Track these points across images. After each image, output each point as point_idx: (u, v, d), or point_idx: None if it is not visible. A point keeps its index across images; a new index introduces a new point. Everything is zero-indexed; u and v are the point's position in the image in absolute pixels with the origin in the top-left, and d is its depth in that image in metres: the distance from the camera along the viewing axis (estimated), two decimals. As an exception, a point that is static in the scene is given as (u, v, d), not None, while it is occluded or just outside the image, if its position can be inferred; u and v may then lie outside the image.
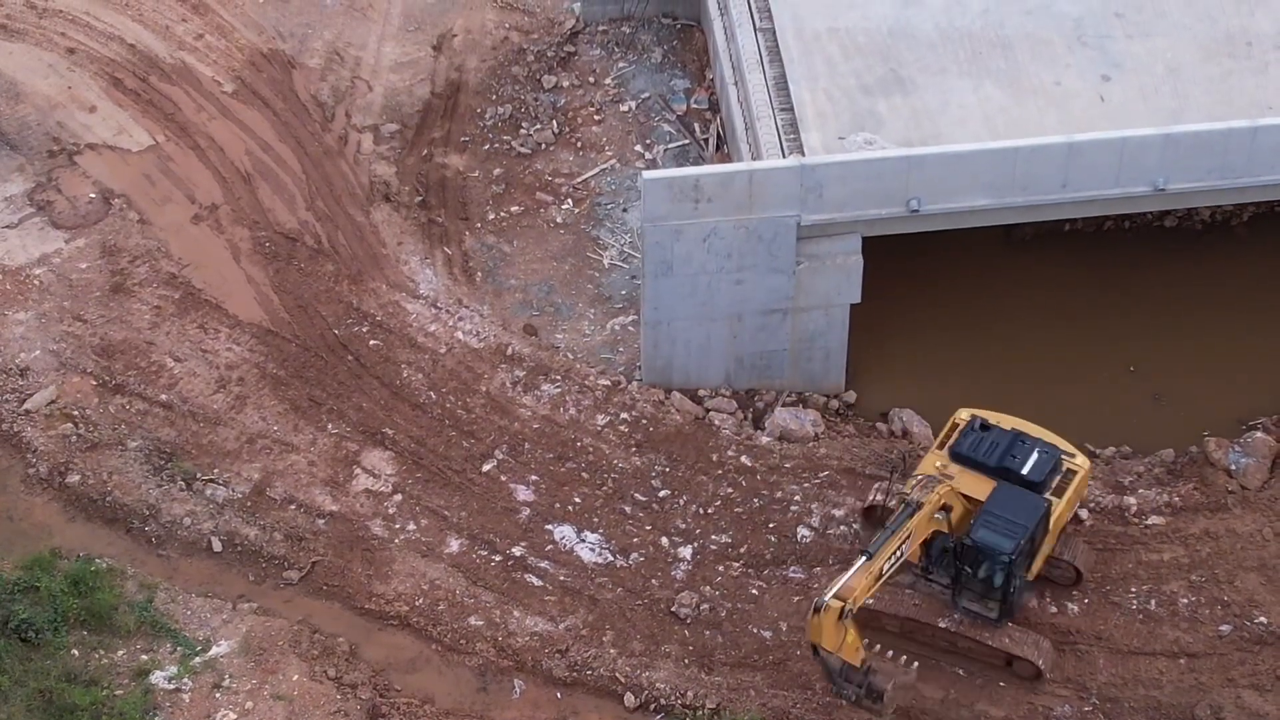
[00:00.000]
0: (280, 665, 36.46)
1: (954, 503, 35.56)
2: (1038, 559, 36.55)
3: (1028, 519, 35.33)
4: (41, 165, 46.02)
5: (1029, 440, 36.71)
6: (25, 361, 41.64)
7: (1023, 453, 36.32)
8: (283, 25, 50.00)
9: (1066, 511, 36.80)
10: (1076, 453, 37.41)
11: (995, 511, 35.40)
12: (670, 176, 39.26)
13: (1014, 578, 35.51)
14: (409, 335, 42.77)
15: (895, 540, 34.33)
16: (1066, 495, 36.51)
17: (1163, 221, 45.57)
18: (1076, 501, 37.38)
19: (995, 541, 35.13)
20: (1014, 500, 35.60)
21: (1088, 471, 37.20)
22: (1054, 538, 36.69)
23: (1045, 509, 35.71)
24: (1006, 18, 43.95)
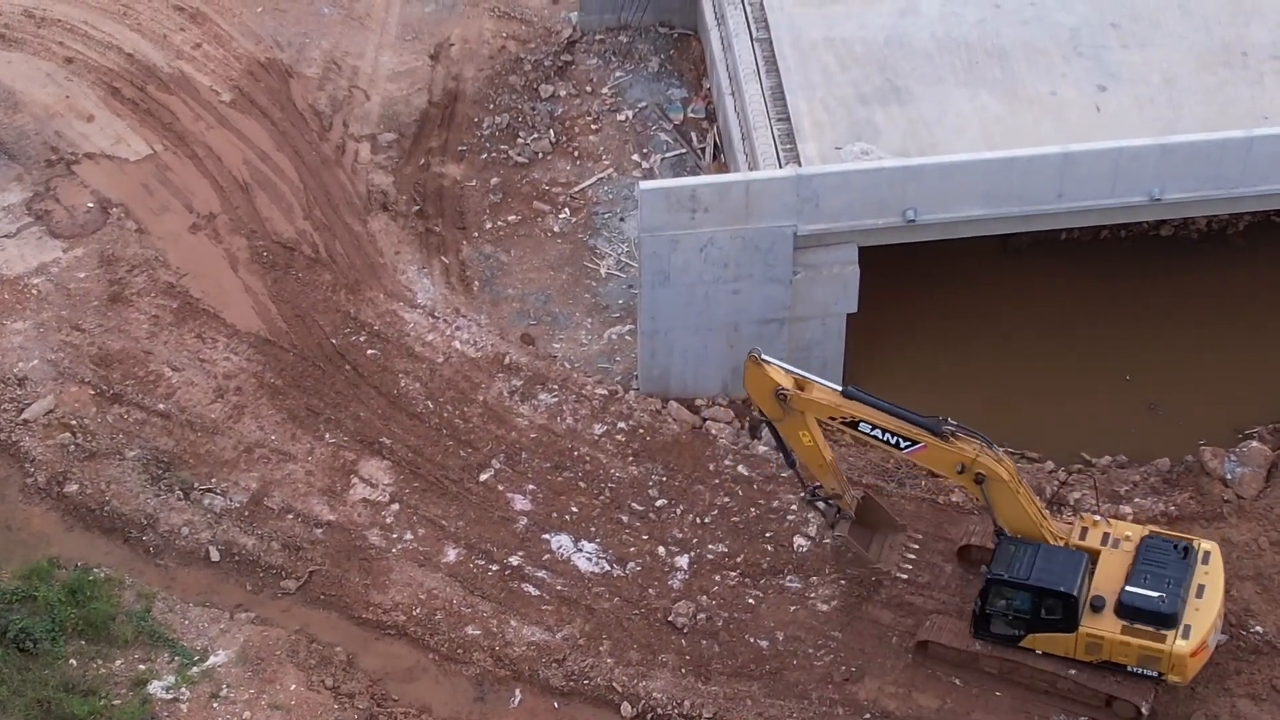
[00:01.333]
0: (278, 675, 36.49)
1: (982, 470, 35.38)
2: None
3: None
4: (39, 174, 46.08)
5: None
6: (23, 371, 41.68)
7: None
8: (280, 34, 50.07)
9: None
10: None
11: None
12: (667, 187, 39.34)
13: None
14: (406, 344, 42.82)
15: (885, 418, 35.00)
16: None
17: (1159, 231, 45.65)
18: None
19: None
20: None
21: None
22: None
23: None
24: (1003, 28, 44.05)
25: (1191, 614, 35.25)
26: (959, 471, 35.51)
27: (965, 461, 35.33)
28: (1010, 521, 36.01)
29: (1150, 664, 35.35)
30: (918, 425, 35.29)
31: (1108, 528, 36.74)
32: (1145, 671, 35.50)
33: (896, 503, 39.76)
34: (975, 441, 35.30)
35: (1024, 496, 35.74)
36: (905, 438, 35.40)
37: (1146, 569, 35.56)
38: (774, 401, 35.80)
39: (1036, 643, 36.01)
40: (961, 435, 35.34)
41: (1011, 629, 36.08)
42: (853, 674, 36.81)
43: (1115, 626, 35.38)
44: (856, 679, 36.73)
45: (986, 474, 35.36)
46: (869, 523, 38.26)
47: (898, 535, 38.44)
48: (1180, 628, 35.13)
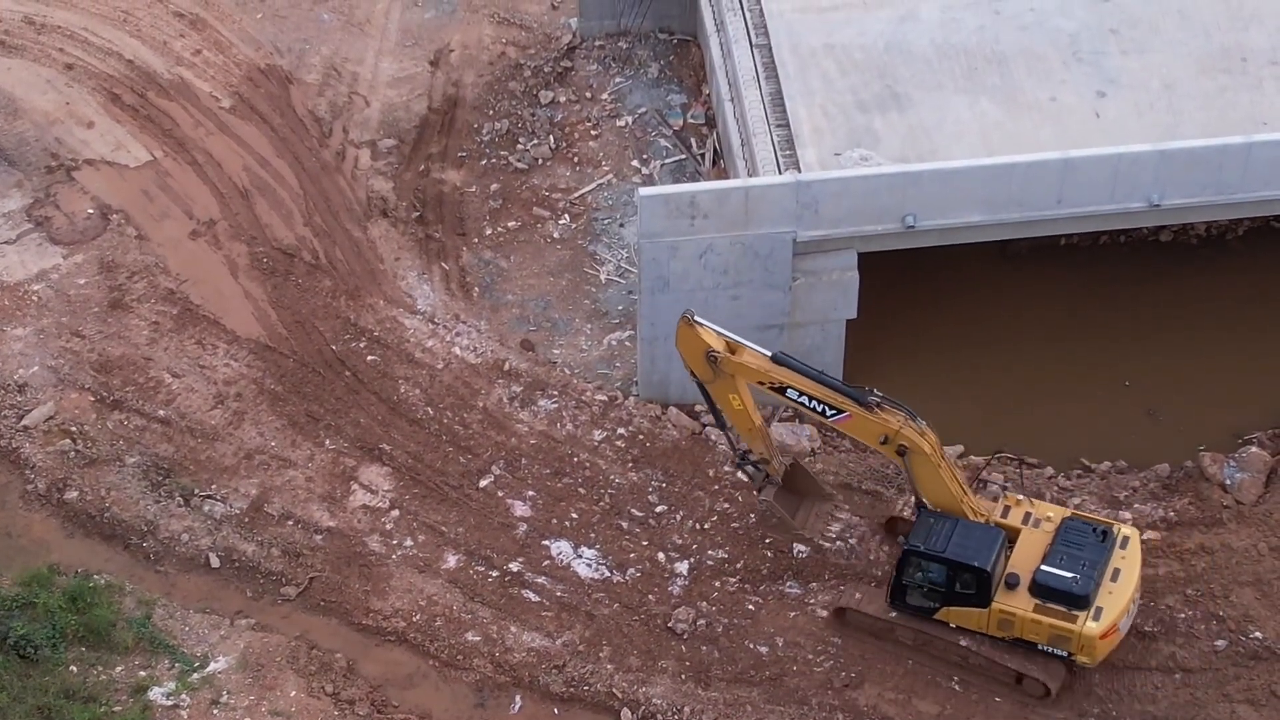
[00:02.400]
0: (278, 681, 36.49)
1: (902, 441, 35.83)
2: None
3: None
4: (40, 181, 46.12)
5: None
6: (23, 377, 41.71)
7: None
8: (280, 41, 50.12)
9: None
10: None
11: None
12: (667, 193, 39.38)
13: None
14: (406, 351, 42.85)
15: (811, 385, 35.46)
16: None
17: (1158, 236, 45.68)
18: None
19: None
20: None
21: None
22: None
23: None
24: (1002, 34, 44.09)
25: (1105, 597, 35.73)
26: (882, 442, 35.96)
27: (889, 433, 35.74)
28: (931, 494, 36.48)
29: (1060, 644, 35.78)
30: (843, 394, 35.77)
31: (1030, 508, 37.25)
32: (1055, 651, 35.93)
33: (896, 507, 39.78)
34: (900, 414, 35.74)
35: (945, 471, 36.14)
36: (831, 406, 35.88)
37: (1064, 550, 36.09)
38: (705, 363, 36.36)
39: (950, 616, 36.46)
40: (887, 406, 35.76)
41: (927, 601, 36.53)
42: (853, 680, 36.82)
43: (1028, 604, 35.85)
44: (856, 685, 36.74)
45: (909, 446, 35.79)
46: (798, 490, 38.81)
47: (825, 504, 39.08)
48: (1092, 609, 35.60)
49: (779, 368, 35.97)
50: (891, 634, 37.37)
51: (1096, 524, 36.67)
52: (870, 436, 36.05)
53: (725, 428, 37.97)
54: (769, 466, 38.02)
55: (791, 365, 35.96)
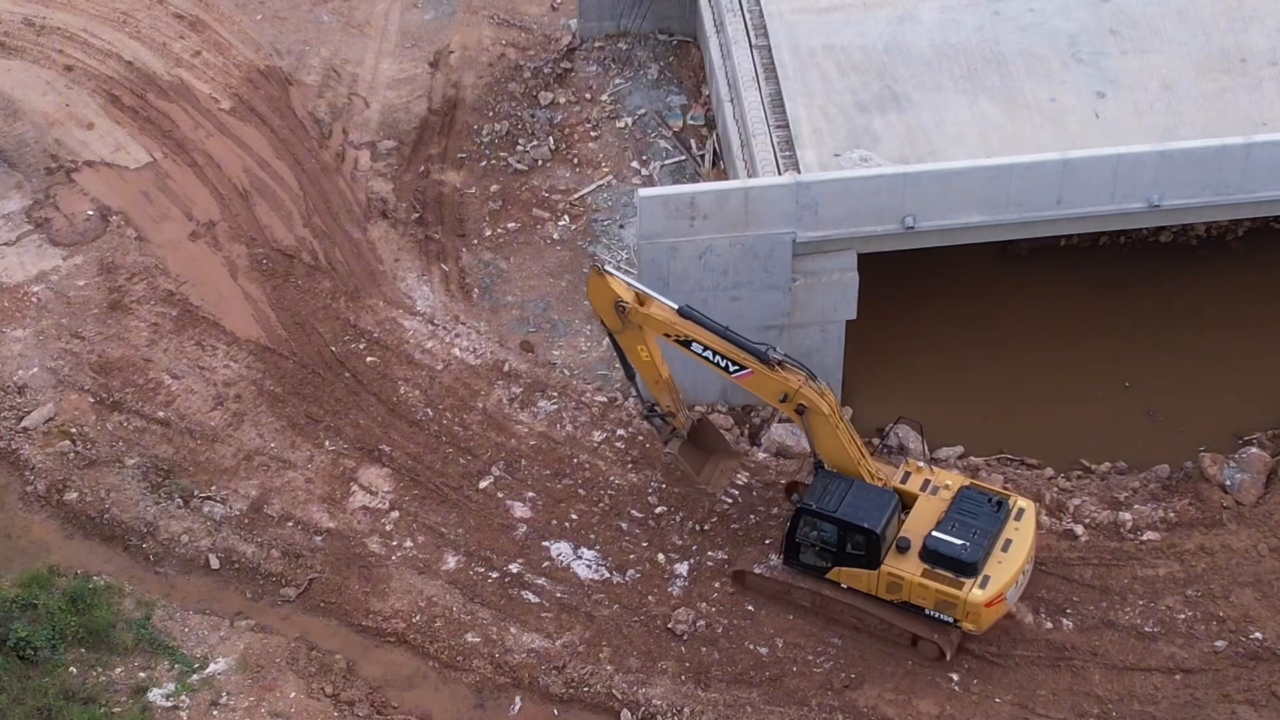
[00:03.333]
0: (278, 682, 36.49)
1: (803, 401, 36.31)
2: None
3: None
4: (39, 182, 46.13)
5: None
6: (23, 379, 41.71)
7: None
8: (280, 42, 50.13)
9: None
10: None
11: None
12: (666, 194, 39.36)
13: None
14: (406, 352, 42.85)
15: (716, 339, 35.92)
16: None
17: (1158, 237, 45.71)
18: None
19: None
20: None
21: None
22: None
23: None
24: (1001, 34, 44.09)
25: (993, 566, 36.19)
26: (782, 400, 36.38)
27: (788, 391, 36.21)
28: (829, 455, 36.98)
29: (946, 609, 36.24)
30: (746, 350, 36.19)
31: (930, 475, 37.72)
32: (941, 616, 36.36)
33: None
34: (800, 373, 36.18)
35: (843, 433, 36.60)
36: (734, 362, 36.32)
37: (957, 517, 36.59)
38: (614, 313, 36.85)
39: (841, 576, 36.95)
40: (788, 365, 36.18)
41: (819, 560, 37.03)
42: (852, 681, 36.82)
43: (917, 569, 36.35)
44: (856, 686, 36.74)
45: (808, 405, 36.24)
46: (706, 447, 39.33)
47: (731, 462, 39.58)
48: (979, 578, 35.98)
49: (685, 321, 36.52)
50: (789, 596, 37.90)
51: (993, 494, 37.17)
52: (771, 394, 36.51)
53: (634, 379, 38.60)
54: (675, 420, 38.60)
55: (697, 319, 36.49)
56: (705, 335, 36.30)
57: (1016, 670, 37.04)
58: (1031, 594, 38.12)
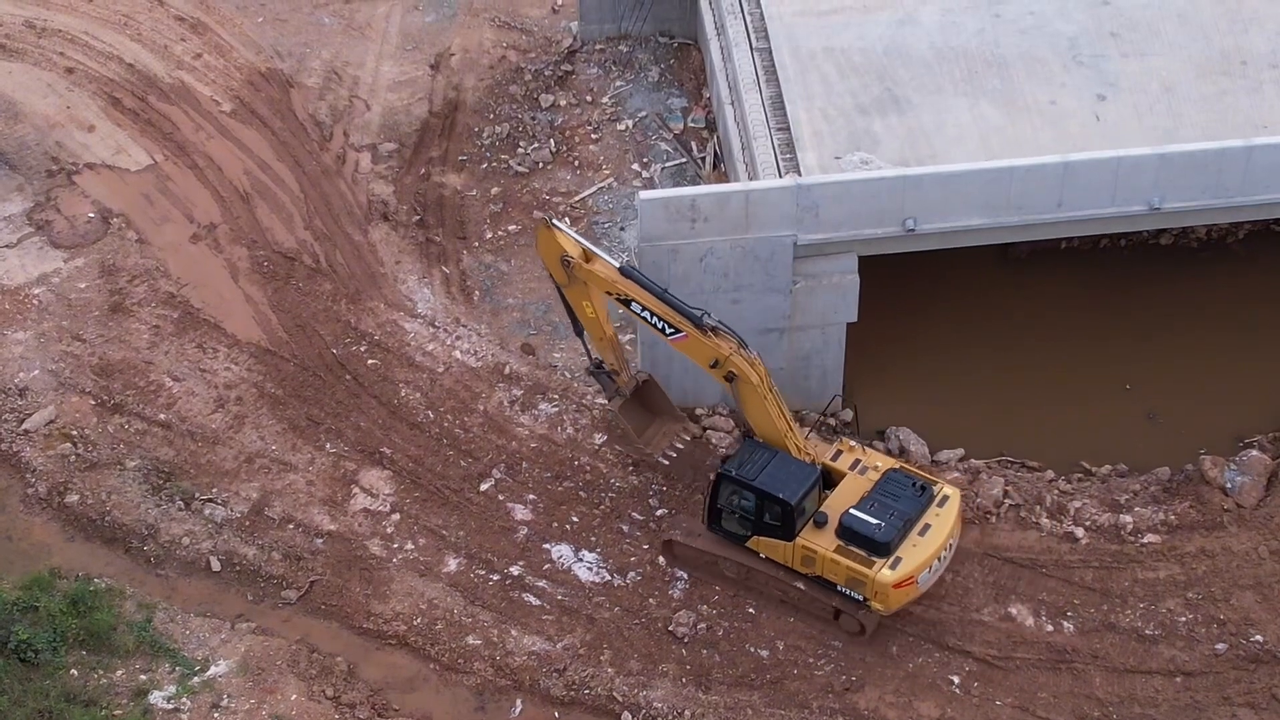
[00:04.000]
0: (278, 685, 36.50)
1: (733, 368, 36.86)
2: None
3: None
4: (40, 185, 46.15)
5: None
6: (24, 381, 41.73)
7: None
8: (281, 45, 50.16)
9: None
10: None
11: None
12: (667, 196, 39.36)
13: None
14: (407, 354, 42.86)
15: (654, 300, 36.56)
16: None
17: (1158, 239, 45.72)
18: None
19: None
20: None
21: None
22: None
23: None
24: (1002, 37, 44.10)
25: (908, 549, 36.52)
26: (713, 365, 36.95)
27: (719, 357, 36.79)
28: (757, 424, 37.53)
29: (856, 586, 36.59)
30: (682, 314, 36.74)
31: (862, 455, 38.15)
32: (852, 594, 36.70)
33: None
34: (732, 341, 36.69)
35: (771, 403, 37.08)
36: (671, 324, 36.90)
37: (878, 498, 36.98)
38: (561, 267, 37.52)
39: (760, 546, 37.44)
40: (721, 332, 36.69)
41: (739, 528, 37.51)
42: (853, 683, 36.83)
43: (831, 544, 36.68)
44: (857, 688, 36.76)
45: (738, 373, 36.73)
46: (653, 408, 39.93)
47: (674, 425, 40.09)
48: (891, 558, 36.29)
49: (626, 280, 37.12)
50: (715, 567, 38.29)
51: (918, 479, 37.49)
52: (703, 358, 37.09)
53: (582, 335, 39.20)
54: (619, 378, 39.18)
55: (637, 279, 37.08)
56: (644, 296, 37.02)
57: (1017, 673, 37.05)
58: (1032, 596, 38.17)
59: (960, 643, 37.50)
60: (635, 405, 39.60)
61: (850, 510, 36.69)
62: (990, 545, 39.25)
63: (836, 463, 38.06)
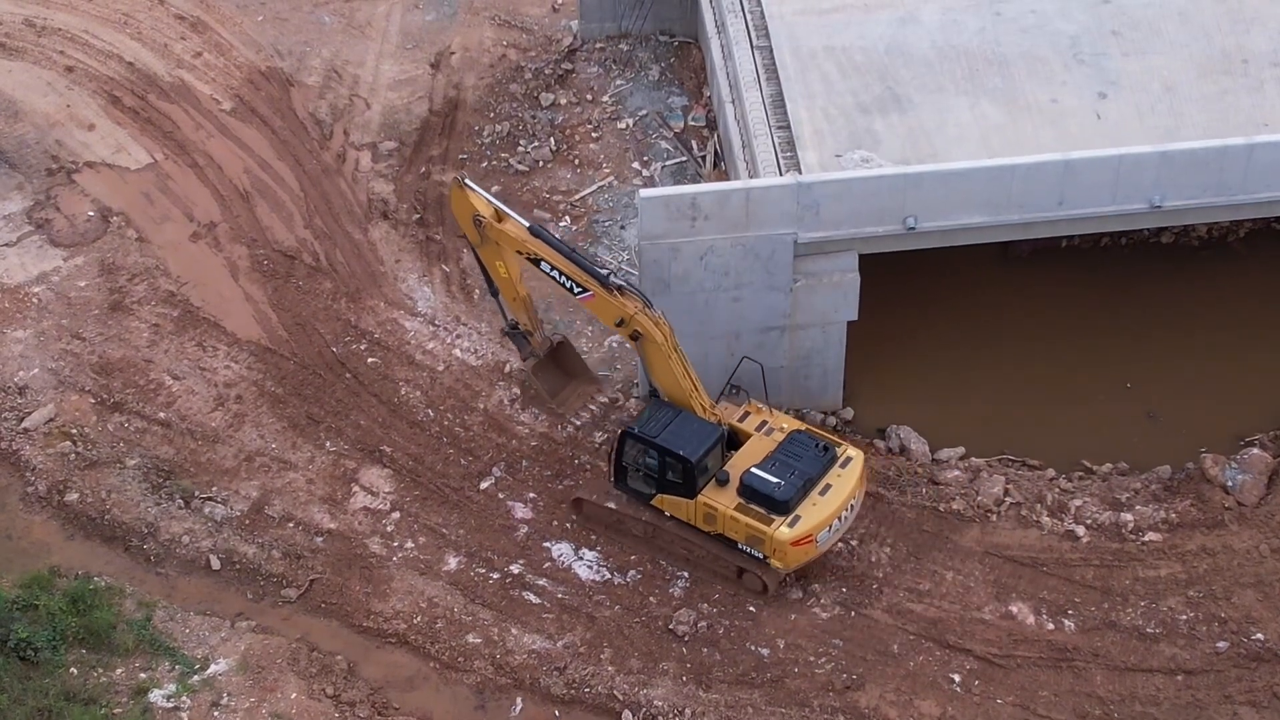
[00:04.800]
0: (278, 683, 36.46)
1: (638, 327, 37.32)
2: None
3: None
4: (40, 183, 46.13)
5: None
6: (24, 380, 41.70)
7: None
8: (281, 43, 50.14)
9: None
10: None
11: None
12: (667, 195, 39.33)
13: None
14: (407, 353, 42.84)
15: (561, 260, 37.13)
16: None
17: (1159, 238, 45.70)
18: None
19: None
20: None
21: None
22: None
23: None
24: (1003, 36, 44.07)
25: (807, 508, 37.00)
26: (618, 324, 37.43)
27: (625, 315, 37.22)
28: (663, 383, 38.04)
29: (755, 544, 37.12)
30: (588, 273, 37.19)
31: (769, 417, 38.69)
32: (752, 551, 37.19)
33: (897, 510, 39.80)
34: (637, 300, 37.12)
35: (675, 362, 37.53)
36: (578, 283, 37.35)
37: (780, 457, 37.48)
38: (473, 226, 38.21)
39: (664, 504, 38.03)
40: (627, 292, 37.18)
41: (644, 486, 38.10)
42: (853, 682, 36.80)
43: (732, 502, 37.18)
44: (858, 687, 36.72)
45: (642, 332, 37.16)
46: (569, 370, 40.71)
47: (588, 387, 40.99)
48: (790, 517, 36.70)
49: (535, 239, 37.54)
50: (623, 526, 38.77)
51: (822, 440, 37.89)
52: (609, 317, 37.56)
53: (496, 295, 39.66)
54: (533, 339, 39.78)
55: (546, 239, 37.56)
56: (552, 255, 37.49)
57: (1018, 671, 37.01)
58: (1033, 595, 38.14)
59: (961, 641, 37.47)
60: (552, 368, 40.40)
61: (751, 469, 37.24)
62: (991, 544, 39.23)
63: (743, 424, 38.58)
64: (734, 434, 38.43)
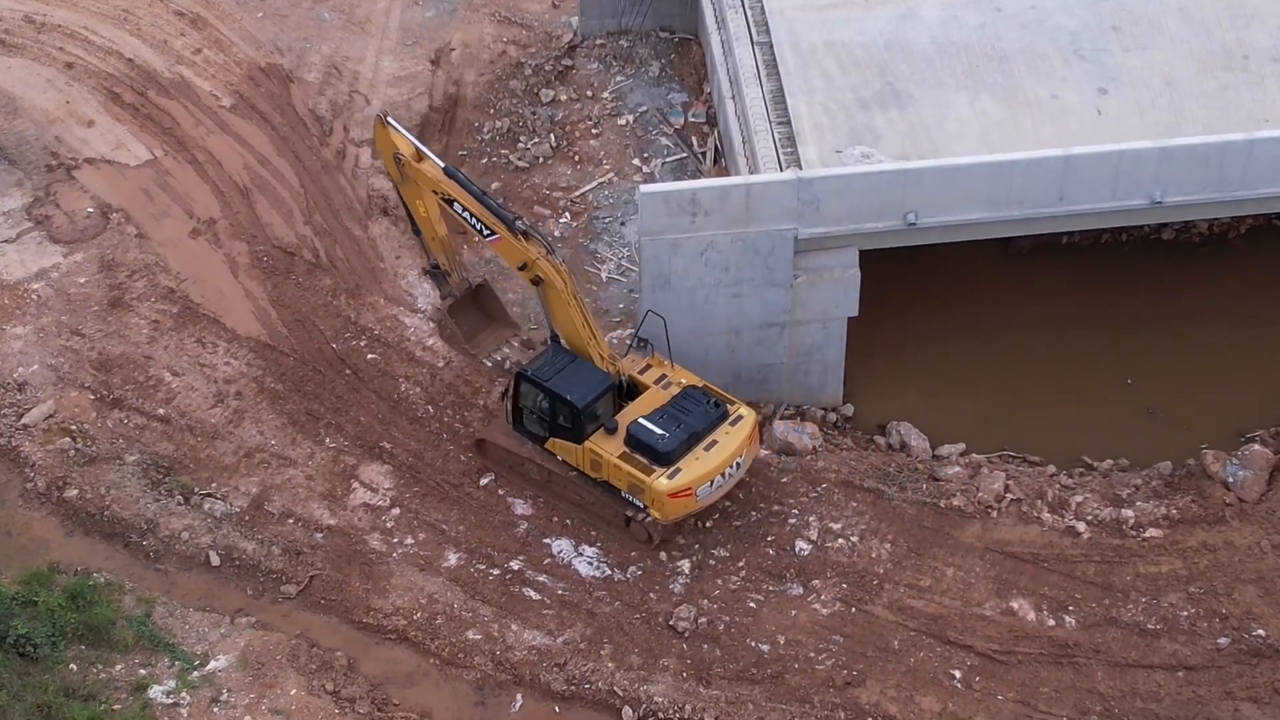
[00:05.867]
0: (278, 679, 36.43)
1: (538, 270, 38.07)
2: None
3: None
4: (40, 180, 46.06)
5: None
6: (23, 376, 41.64)
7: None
8: (281, 40, 50.08)
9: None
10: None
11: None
12: (667, 190, 39.32)
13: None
14: (407, 349, 42.79)
15: (472, 201, 37.79)
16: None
17: (1160, 234, 45.67)
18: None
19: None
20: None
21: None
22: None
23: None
24: (1003, 31, 44.05)
25: (690, 461, 37.66)
26: (522, 268, 38.20)
27: (528, 260, 37.88)
28: (562, 329, 38.93)
29: (637, 493, 37.97)
30: (497, 216, 37.79)
31: (669, 372, 39.41)
32: (634, 500, 37.83)
33: (898, 506, 39.77)
34: (541, 247, 37.77)
35: (575, 310, 38.19)
36: (486, 225, 38.00)
37: (670, 410, 38.24)
38: (395, 164, 39.06)
39: (556, 448, 38.91)
40: (533, 237, 37.75)
41: (538, 429, 38.97)
42: (854, 678, 36.77)
43: (617, 450, 38.04)
44: (858, 683, 36.69)
45: (543, 277, 37.81)
46: (489, 313, 41.65)
47: (505, 331, 41.84)
48: (671, 469, 37.29)
49: (449, 180, 38.28)
50: (522, 468, 39.62)
51: (715, 397, 38.45)
52: (513, 260, 38.38)
53: (419, 235, 40.31)
54: (450, 279, 40.46)
55: (460, 180, 38.21)
56: (464, 196, 38.12)
57: (1019, 667, 36.99)
58: (1034, 591, 38.11)
59: (962, 637, 37.44)
60: (473, 310, 41.18)
61: (638, 419, 37.86)
62: (992, 540, 39.20)
63: (643, 376, 39.22)
64: (634, 386, 39.18)
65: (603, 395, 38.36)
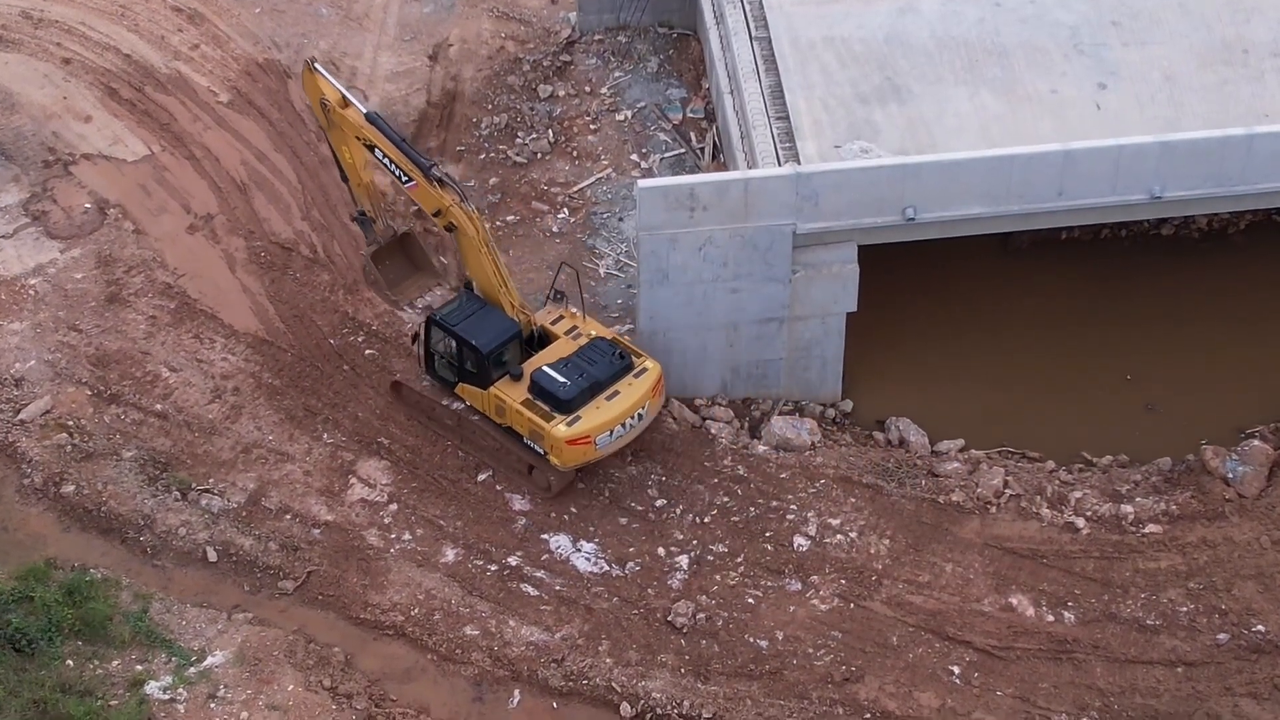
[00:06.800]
0: (275, 675, 36.37)
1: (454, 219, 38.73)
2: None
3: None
4: (37, 175, 46.00)
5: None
6: (20, 372, 41.58)
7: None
8: (278, 35, 50.01)
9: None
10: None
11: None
12: (666, 185, 39.23)
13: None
14: (404, 345, 42.70)
15: (390, 147, 38.30)
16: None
17: (1159, 230, 45.60)
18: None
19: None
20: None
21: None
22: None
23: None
24: (1002, 26, 43.96)
25: (590, 410, 38.34)
26: (436, 214, 38.84)
27: (442, 207, 38.47)
28: (475, 276, 39.50)
29: (537, 440, 38.60)
30: (414, 163, 38.28)
31: (580, 324, 40.04)
32: (535, 446, 38.73)
33: (897, 502, 39.68)
34: (456, 195, 38.31)
35: (487, 258, 38.86)
36: (405, 172, 38.52)
37: (575, 360, 38.91)
38: (321, 110, 39.54)
39: (464, 393, 39.68)
40: (448, 184, 38.39)
41: (449, 374, 39.80)
42: (853, 673, 36.70)
43: (520, 397, 38.71)
44: (856, 679, 36.63)
45: (457, 224, 38.45)
46: (414, 261, 41.72)
47: (429, 280, 42.07)
48: (570, 416, 38.17)
49: (369, 126, 38.61)
50: (435, 413, 40.40)
51: (621, 349, 39.30)
52: (429, 206, 38.85)
53: (346, 182, 40.64)
54: (375, 226, 40.81)
55: (380, 127, 38.55)
56: (384, 143, 38.55)
57: (1018, 663, 36.92)
58: (1033, 587, 38.04)
59: (960, 633, 37.37)
60: (400, 258, 41.30)
61: (542, 367, 38.53)
62: (991, 535, 39.13)
63: (554, 326, 39.85)
64: (545, 336, 39.73)
65: (509, 342, 38.94)
